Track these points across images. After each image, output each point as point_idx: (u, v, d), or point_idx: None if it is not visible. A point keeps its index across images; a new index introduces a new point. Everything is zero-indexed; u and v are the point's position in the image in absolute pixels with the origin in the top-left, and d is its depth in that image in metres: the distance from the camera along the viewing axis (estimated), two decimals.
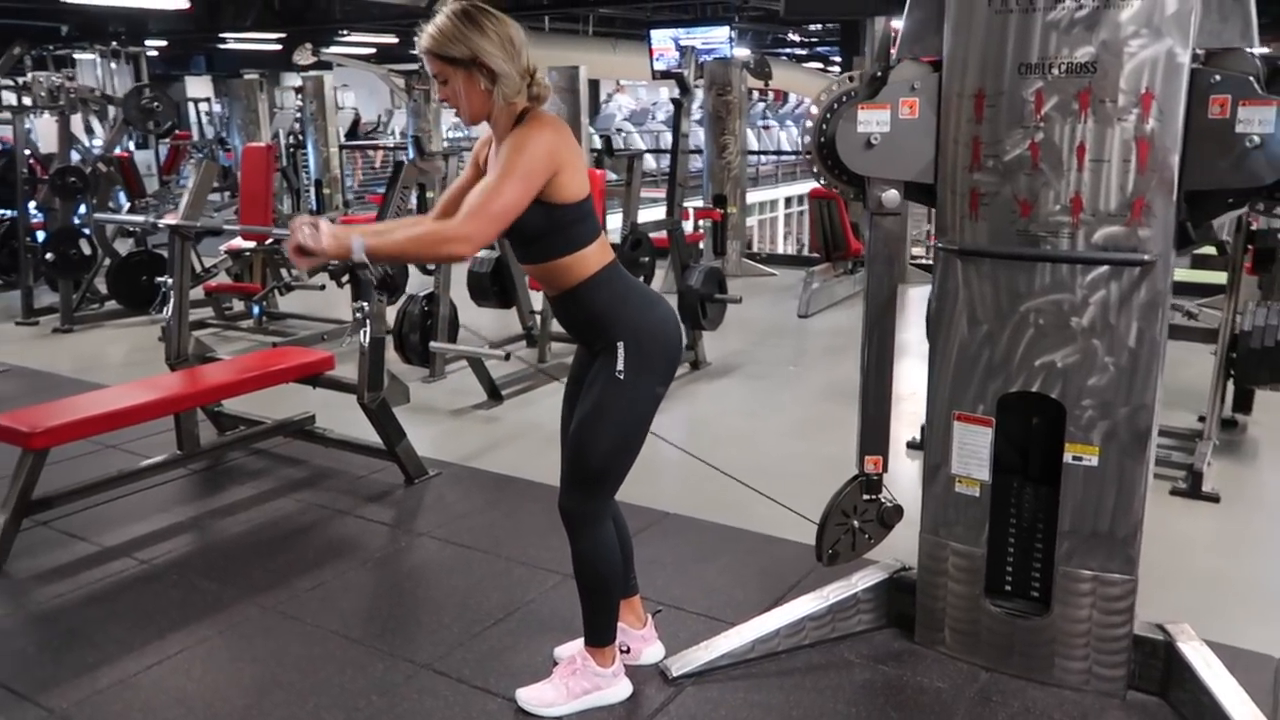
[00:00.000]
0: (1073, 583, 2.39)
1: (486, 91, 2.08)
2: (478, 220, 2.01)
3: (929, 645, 2.62)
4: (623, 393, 2.17)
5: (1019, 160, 2.26)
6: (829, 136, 2.48)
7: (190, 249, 4.19)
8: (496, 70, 2.06)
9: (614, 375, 2.16)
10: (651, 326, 2.21)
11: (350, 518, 3.52)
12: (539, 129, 2.08)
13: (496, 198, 2.01)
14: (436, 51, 2.07)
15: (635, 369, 2.17)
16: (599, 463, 2.22)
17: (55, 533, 3.39)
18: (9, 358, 5.82)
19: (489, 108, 2.11)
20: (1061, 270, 2.27)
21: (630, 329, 2.17)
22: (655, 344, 2.21)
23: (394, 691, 2.46)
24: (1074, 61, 2.16)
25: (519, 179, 2.02)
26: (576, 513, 2.27)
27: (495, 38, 2.06)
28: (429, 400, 4.91)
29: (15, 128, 6.79)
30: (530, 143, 2.05)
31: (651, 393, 2.23)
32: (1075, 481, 2.35)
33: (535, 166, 2.04)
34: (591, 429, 2.20)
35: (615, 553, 2.33)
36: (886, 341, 2.55)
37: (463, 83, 2.09)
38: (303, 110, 10.95)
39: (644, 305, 2.22)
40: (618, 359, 2.15)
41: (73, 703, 2.43)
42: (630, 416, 2.21)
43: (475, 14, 2.06)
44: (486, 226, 2.02)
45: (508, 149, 2.06)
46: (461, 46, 2.05)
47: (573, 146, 2.12)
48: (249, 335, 6.33)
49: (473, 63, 2.06)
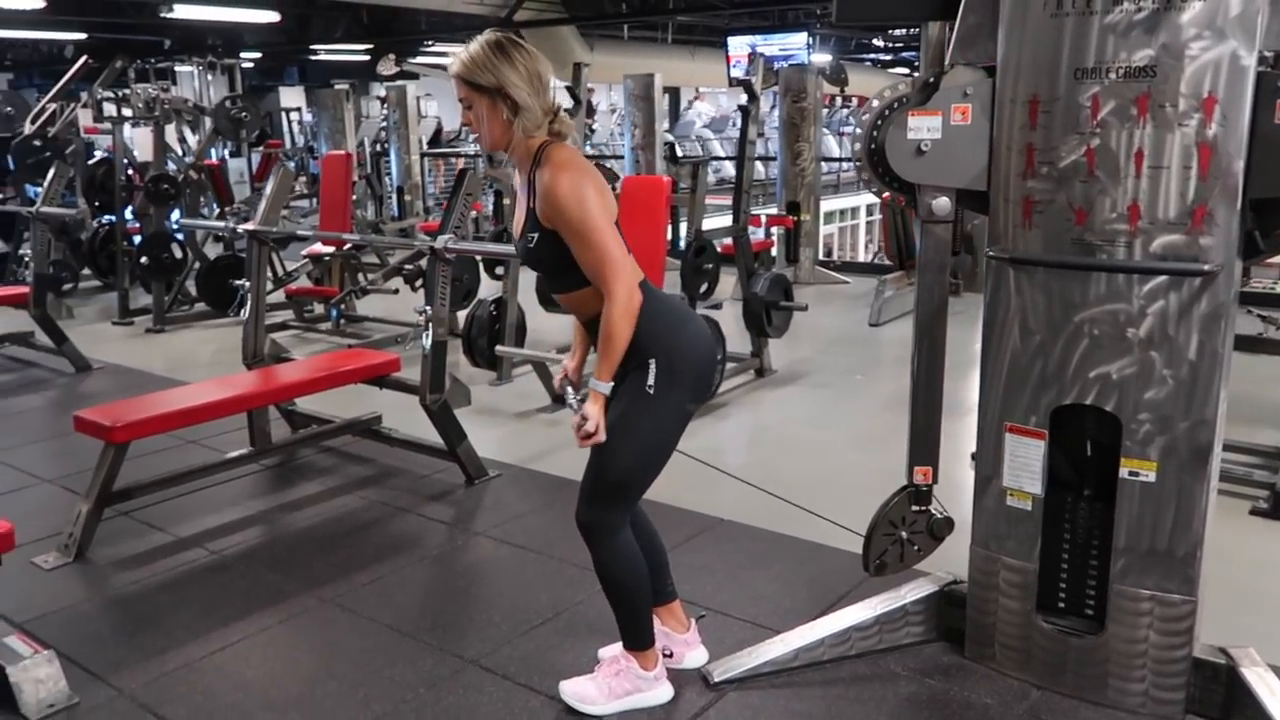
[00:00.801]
0: (1129, 601, 2.32)
1: (508, 121, 2.15)
2: (617, 279, 2.11)
3: (979, 660, 2.57)
4: (650, 407, 2.19)
5: (1074, 167, 2.21)
6: (879, 143, 2.46)
7: (267, 253, 4.34)
8: (520, 103, 2.12)
9: (643, 390, 2.17)
10: (683, 344, 2.23)
11: (411, 515, 3.61)
12: (557, 176, 2.12)
13: (604, 254, 2.11)
14: (465, 77, 2.14)
15: (665, 385, 2.18)
16: (619, 476, 2.25)
17: (135, 522, 3.55)
18: (105, 356, 6.11)
19: (509, 137, 2.17)
20: (1118, 280, 2.21)
21: (662, 346, 2.18)
22: (686, 362, 2.22)
23: (441, 685, 2.52)
24: (1132, 65, 2.11)
25: (595, 226, 2.11)
26: (594, 524, 2.29)
27: (523, 71, 2.12)
28: (494, 403, 5.00)
29: (115, 137, 7.13)
30: (564, 196, 2.10)
31: (680, 409, 2.24)
32: (1132, 497, 2.28)
33: (589, 206, 2.10)
34: (618, 441, 2.20)
35: (638, 560, 2.34)
36: (937, 351, 2.51)
37: (486, 110, 2.15)
38: (387, 119, 11.26)
39: (676, 323, 2.24)
40: (649, 374, 2.17)
41: (141, 684, 2.55)
42: (655, 432, 2.22)
43: (508, 46, 2.13)
44: (626, 272, 2.13)
45: (556, 215, 2.12)
46: (489, 75, 2.11)
47: (594, 175, 2.17)
48: (327, 337, 6.53)
49: (497, 92, 2.12)
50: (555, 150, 2.17)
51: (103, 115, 7.09)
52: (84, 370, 5.76)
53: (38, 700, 2.42)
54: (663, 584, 2.55)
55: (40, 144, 7.46)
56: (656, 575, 2.51)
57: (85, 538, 3.28)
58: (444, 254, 3.63)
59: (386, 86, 11.34)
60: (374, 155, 12.27)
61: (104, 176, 7.55)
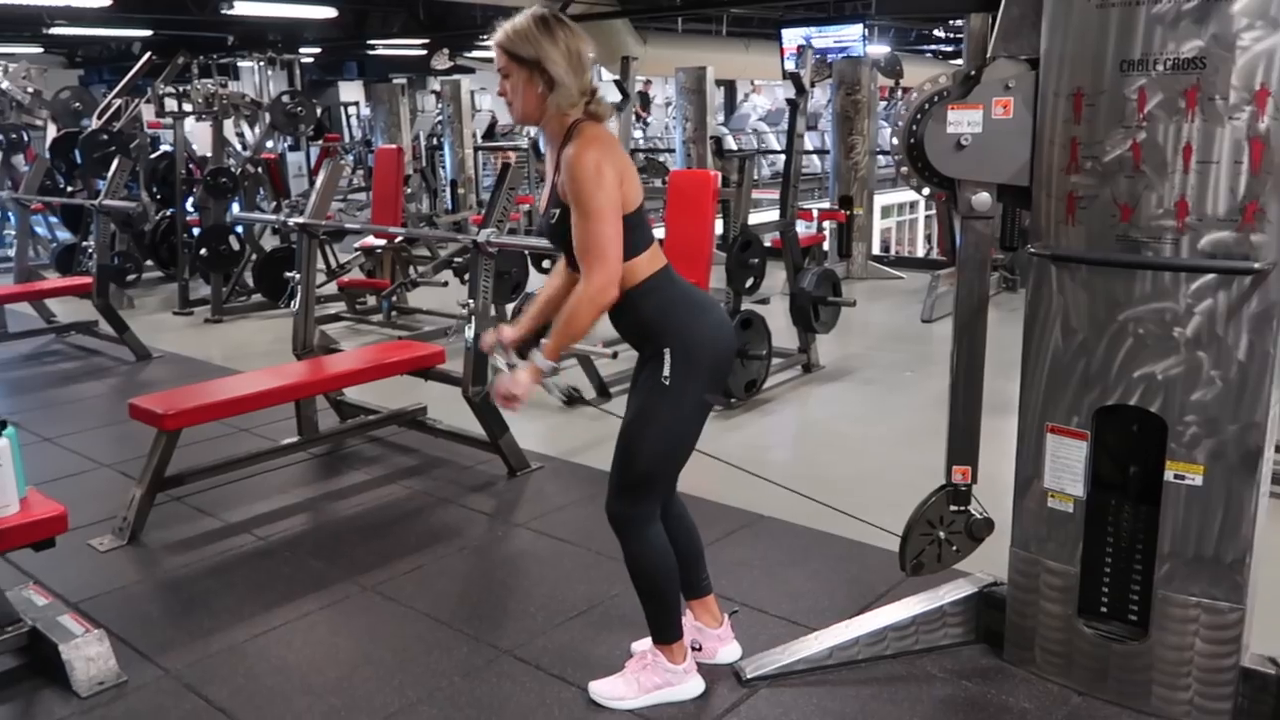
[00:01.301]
0: (1174, 608, 2.26)
1: (542, 95, 2.14)
2: (600, 269, 2.11)
3: (1018, 664, 2.52)
4: (667, 398, 2.18)
5: (1119, 161, 2.15)
6: (918, 138, 2.42)
7: (315, 246, 4.41)
8: (556, 78, 2.12)
9: (659, 381, 2.17)
10: (701, 334, 2.21)
11: (453, 506, 3.66)
12: (584, 149, 2.11)
13: (597, 239, 2.10)
14: (505, 46, 2.14)
15: (682, 375, 2.18)
16: (643, 467, 2.25)
17: (187, 507, 3.65)
18: (165, 345, 6.27)
19: (541, 111, 2.17)
20: (1164, 278, 2.15)
21: (678, 336, 2.18)
22: (703, 351, 2.21)
23: (475, 674, 2.55)
24: (1181, 57, 2.05)
25: (601, 209, 2.09)
26: (624, 516, 2.30)
27: (564, 48, 2.12)
28: (541, 395, 4.95)
29: (175, 132, 7.31)
30: (584, 168, 2.09)
31: (698, 399, 2.24)
32: (1177, 501, 2.22)
33: (603, 188, 2.09)
34: (637, 434, 2.22)
35: (667, 553, 2.34)
36: (977, 348, 2.47)
37: (522, 82, 2.15)
38: (441, 113, 11.37)
39: (694, 312, 2.23)
40: (664, 364, 2.17)
41: (186, 664, 2.62)
42: (675, 422, 2.22)
43: (552, 22, 2.13)
44: (610, 265, 2.11)
45: (570, 182, 2.11)
46: (529, 48, 2.11)
47: (621, 159, 2.17)
48: (379, 329, 6.63)
49: (535, 65, 2.12)
50: (587, 126, 2.17)
51: (164, 110, 7.26)
52: (144, 359, 5.92)
53: (88, 678, 2.50)
54: (698, 577, 2.55)
55: (106, 139, 7.68)
56: (692, 568, 2.51)
57: (139, 522, 3.38)
58: (486, 248, 3.66)
59: (441, 81, 11.45)
60: (429, 149, 12.41)
61: (165, 170, 7.74)
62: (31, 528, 2.50)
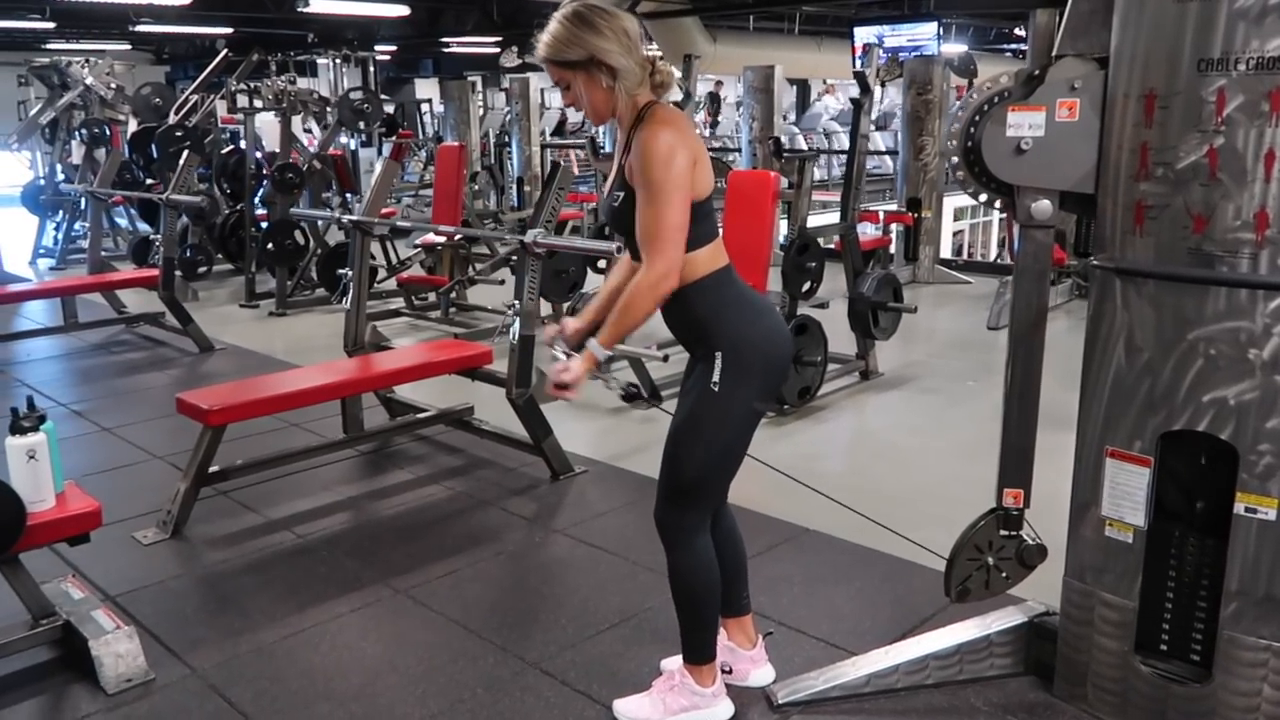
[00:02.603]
0: (1240, 650, 2.10)
1: (609, 89, 2.06)
2: (661, 255, 2.01)
3: (1068, 700, 2.37)
4: (716, 404, 2.09)
5: (1193, 169, 1.99)
6: (976, 141, 2.28)
7: (368, 243, 4.41)
8: (615, 66, 2.03)
9: (709, 386, 2.08)
10: (755, 338, 2.12)
11: (493, 509, 3.61)
12: (656, 130, 2.02)
13: (662, 225, 2.00)
14: (553, 58, 2.06)
15: (732, 381, 2.08)
16: (693, 474, 2.16)
17: (232, 502, 3.67)
18: (228, 337, 6.38)
19: (613, 104, 2.08)
20: (1240, 295, 1.98)
21: (731, 339, 2.09)
22: (756, 356, 2.11)
23: (499, 687, 2.49)
24: (1265, 56, 1.88)
25: (670, 193, 2.00)
26: (672, 525, 2.21)
27: (610, 34, 2.03)
28: (591, 397, 4.95)
29: (245, 128, 7.43)
30: (656, 149, 1.99)
31: (748, 407, 2.14)
32: (1247, 536, 2.05)
33: (675, 172, 2.00)
34: (684, 440, 2.14)
35: (713, 569, 2.25)
36: (1034, 363, 2.32)
37: (584, 84, 2.07)
38: (509, 110, 11.40)
39: (750, 316, 2.13)
40: (715, 369, 2.08)
41: (213, 664, 2.61)
42: (724, 430, 2.13)
43: (586, 14, 2.03)
44: (672, 253, 2.01)
45: (640, 165, 2.01)
46: (577, 49, 2.03)
47: (695, 143, 2.06)
48: (436, 325, 6.65)
49: (591, 62, 2.03)
50: (660, 109, 2.08)
51: (236, 107, 7.39)
52: (207, 351, 6.02)
53: (116, 675, 2.50)
54: (738, 595, 2.45)
55: (181, 134, 7.84)
56: (733, 584, 2.41)
57: (182, 515, 3.40)
58: (534, 248, 3.61)
59: (510, 78, 11.48)
60: (498, 146, 12.46)
61: (235, 165, 7.89)
62: (66, 523, 2.51)
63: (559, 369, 2.13)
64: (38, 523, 2.46)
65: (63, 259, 9.33)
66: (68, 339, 6.41)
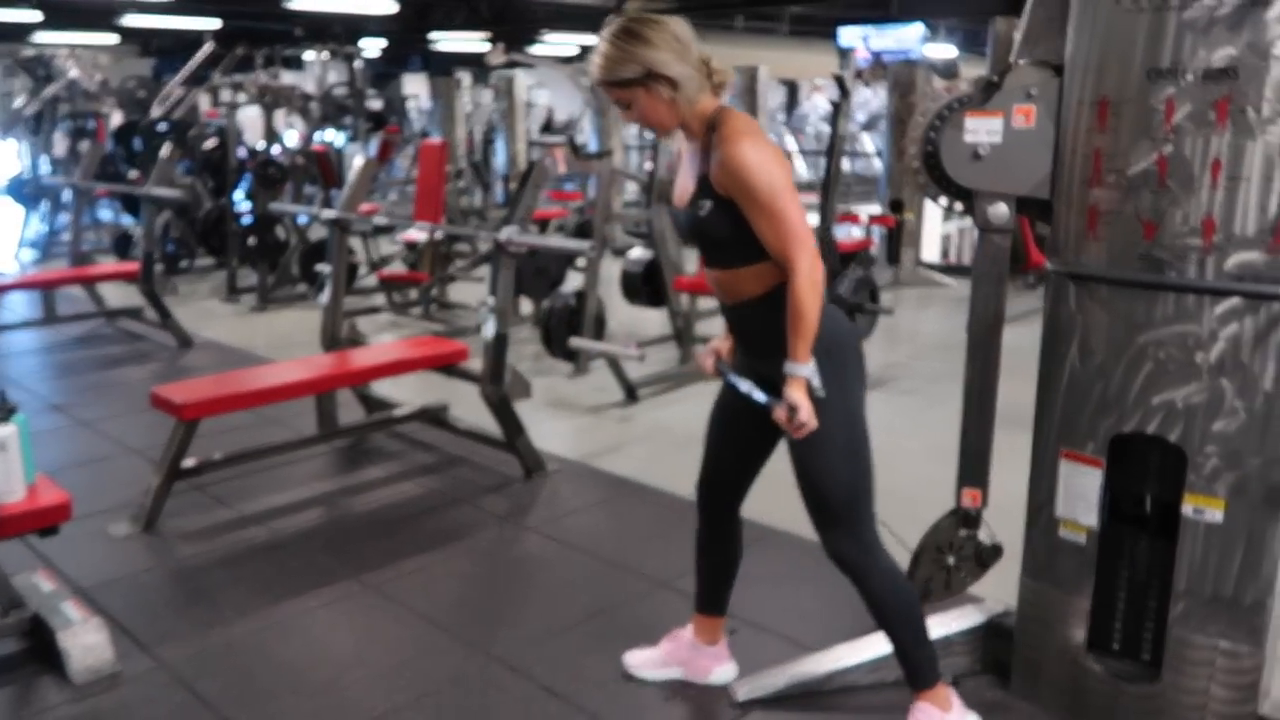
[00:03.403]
0: (1188, 649, 2.14)
1: (671, 101, 2.01)
2: (802, 251, 1.96)
3: (1024, 698, 2.41)
4: (833, 411, 2.03)
5: (1144, 175, 2.04)
6: (936, 146, 2.32)
7: (346, 239, 4.43)
8: (674, 76, 1.99)
9: (815, 397, 2.01)
10: (840, 334, 2.08)
11: (466, 506, 3.63)
12: (741, 144, 1.97)
13: (790, 224, 1.96)
14: (608, 79, 2.01)
15: (834, 381, 2.03)
16: (843, 494, 2.10)
17: (206, 497, 3.68)
18: (209, 332, 6.38)
19: (678, 114, 2.04)
20: (1188, 300, 2.03)
21: (822, 343, 2.01)
22: (844, 349, 2.08)
23: (464, 682, 2.51)
24: (1212, 66, 1.93)
25: (783, 196, 1.96)
26: (853, 551, 2.13)
27: (662, 43, 1.97)
28: (570, 395, 5.00)
29: (228, 122, 7.43)
30: (751, 165, 1.95)
31: (858, 397, 2.10)
32: (1195, 537, 2.10)
33: (777, 176, 1.96)
34: (818, 463, 2.07)
35: (904, 577, 2.20)
36: (991, 366, 2.37)
37: (645, 100, 2.02)
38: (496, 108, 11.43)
39: (829, 312, 2.05)
40: (811, 377, 2.00)
41: (180, 657, 2.63)
42: (850, 431, 2.09)
43: (634, 27, 1.98)
44: (810, 243, 1.97)
45: (741, 183, 1.97)
46: (632, 65, 1.98)
47: (774, 146, 2.04)
48: (417, 322, 6.66)
49: (649, 77, 1.99)
50: (732, 116, 2.03)
51: (218, 101, 7.38)
52: (186, 346, 6.02)
53: (84, 666, 2.52)
54: (726, 595, 2.49)
55: (165, 127, 7.84)
56: (728, 583, 2.47)
57: (155, 510, 3.42)
58: (508, 246, 3.63)
59: (496, 76, 11.50)
60: (484, 143, 12.48)
61: (218, 159, 7.88)
62: (34, 515, 2.53)
63: (783, 416, 2.01)
64: (6, 514, 2.48)
65: (46, 251, 9.30)
66: (47, 332, 6.40)
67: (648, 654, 2.55)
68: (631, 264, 5.66)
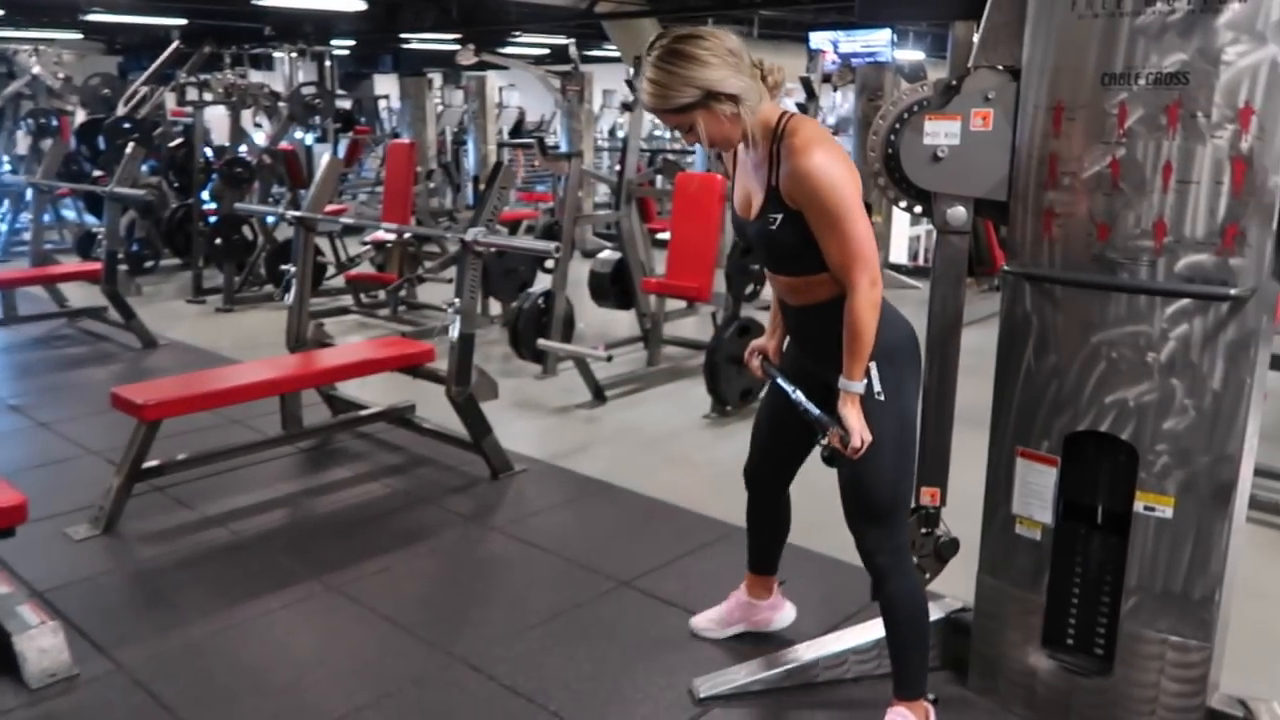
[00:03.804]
0: (1139, 644, 2.18)
1: (735, 115, 1.96)
2: (864, 270, 1.97)
3: (981, 693, 2.44)
4: (889, 414, 2.07)
5: (1098, 178, 2.07)
6: (896, 148, 2.34)
7: (312, 239, 4.40)
8: (735, 92, 1.93)
9: (874, 399, 2.05)
10: (900, 340, 2.11)
11: (431, 506, 3.62)
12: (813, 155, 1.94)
13: (856, 242, 1.95)
14: (666, 108, 1.94)
15: (894, 386, 2.07)
16: (890, 494, 2.13)
17: (167, 498, 3.64)
18: (174, 333, 6.31)
19: (741, 127, 1.99)
20: (1139, 301, 2.06)
21: (882, 347, 2.04)
22: (904, 354, 2.12)
23: (426, 682, 2.51)
24: (1163, 71, 1.96)
25: (852, 212, 1.94)
26: (888, 550, 2.16)
27: (716, 59, 1.91)
28: (537, 396, 4.99)
29: (195, 122, 7.36)
30: (823, 178, 1.93)
31: (914, 402, 2.16)
32: (1146, 533, 2.13)
33: (849, 192, 1.94)
34: (871, 463, 2.06)
35: (921, 587, 2.26)
36: (950, 366, 2.39)
37: (707, 120, 1.96)
38: (467, 108, 11.39)
39: (890, 318, 2.08)
40: (872, 382, 2.04)
41: (139, 660, 2.60)
42: (903, 434, 2.12)
43: (684, 48, 1.90)
44: (873, 263, 1.98)
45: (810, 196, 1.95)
46: (689, 90, 1.91)
47: (844, 156, 2.00)
48: (385, 323, 6.62)
49: (707, 97, 1.92)
50: (800, 124, 1.99)
51: (185, 99, 7.31)
52: (150, 346, 5.95)
53: (40, 669, 2.49)
54: (775, 555, 2.64)
55: (130, 126, 7.75)
56: (776, 547, 2.63)
57: (115, 511, 3.37)
58: (474, 247, 3.63)
59: (467, 76, 11.47)
60: (454, 144, 12.42)
61: (183, 159, 7.80)
62: None
63: (839, 437, 2.01)
64: None
65: (6, 250, 9.16)
66: (7, 332, 6.30)
67: (711, 615, 2.70)
68: (600, 265, 5.67)
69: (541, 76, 10.94)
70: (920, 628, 2.24)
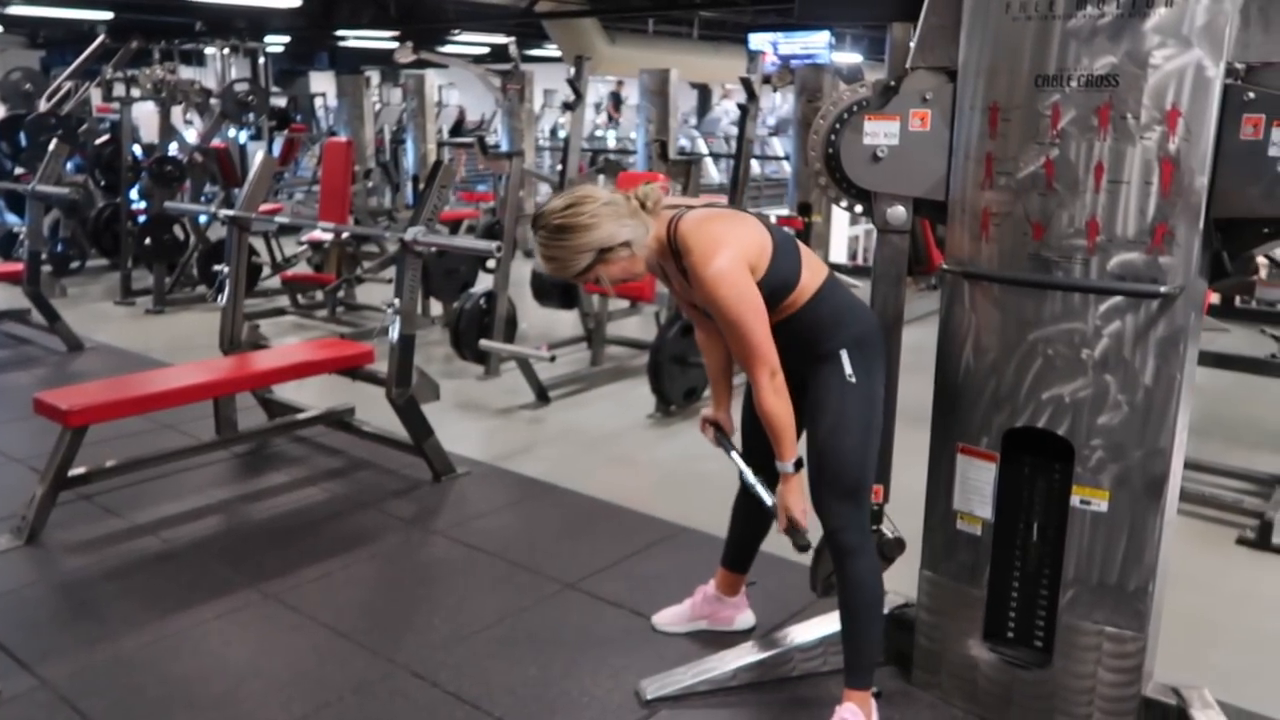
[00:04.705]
0: (1077, 635, 2.22)
1: (630, 256, 2.09)
2: (761, 365, 2.09)
3: (925, 688, 2.47)
4: (859, 393, 2.18)
5: (1033, 179, 2.10)
6: (837, 148, 2.36)
7: (246, 239, 4.30)
8: (625, 240, 2.06)
9: (845, 381, 2.17)
10: (869, 330, 2.23)
11: (371, 511, 3.56)
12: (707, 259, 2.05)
13: (750, 345, 2.08)
14: (569, 276, 2.09)
15: (864, 370, 2.19)
16: (857, 473, 2.22)
17: (94, 507, 3.53)
18: (102, 336, 6.12)
19: (641, 260, 2.13)
20: (1073, 299, 2.10)
21: (853, 336, 2.19)
22: (872, 342, 2.23)
23: (367, 690, 2.46)
24: (1094, 74, 2.00)
25: (746, 316, 2.06)
26: (854, 527, 2.24)
27: (598, 220, 2.03)
28: (480, 398, 4.94)
29: (123, 118, 7.14)
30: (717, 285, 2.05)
31: (880, 389, 2.25)
32: (1082, 527, 2.18)
33: (742, 293, 2.06)
34: (840, 439, 2.18)
35: (880, 572, 2.32)
36: (892, 365, 2.41)
37: (609, 270, 2.09)
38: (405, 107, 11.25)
39: (860, 313, 2.25)
40: (844, 365, 2.17)
41: (65, 674, 2.51)
42: (872, 414, 2.22)
43: (566, 221, 2.03)
44: (769, 358, 2.10)
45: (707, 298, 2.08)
46: (583, 256, 2.04)
47: (735, 229, 2.11)
48: (323, 324, 6.50)
49: (602, 254, 2.05)
50: (688, 234, 2.09)
51: (111, 95, 7.09)
52: (76, 349, 5.76)
53: None
54: (750, 555, 2.69)
55: (53, 122, 7.49)
56: (752, 546, 2.67)
57: (39, 521, 3.26)
58: (414, 247, 3.57)
59: (405, 74, 11.32)
60: (393, 143, 12.26)
61: (110, 156, 7.57)
62: None
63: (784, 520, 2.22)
64: None
65: None
66: None
67: (674, 611, 2.75)
68: None
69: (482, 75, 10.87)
70: (877, 612, 2.31)
